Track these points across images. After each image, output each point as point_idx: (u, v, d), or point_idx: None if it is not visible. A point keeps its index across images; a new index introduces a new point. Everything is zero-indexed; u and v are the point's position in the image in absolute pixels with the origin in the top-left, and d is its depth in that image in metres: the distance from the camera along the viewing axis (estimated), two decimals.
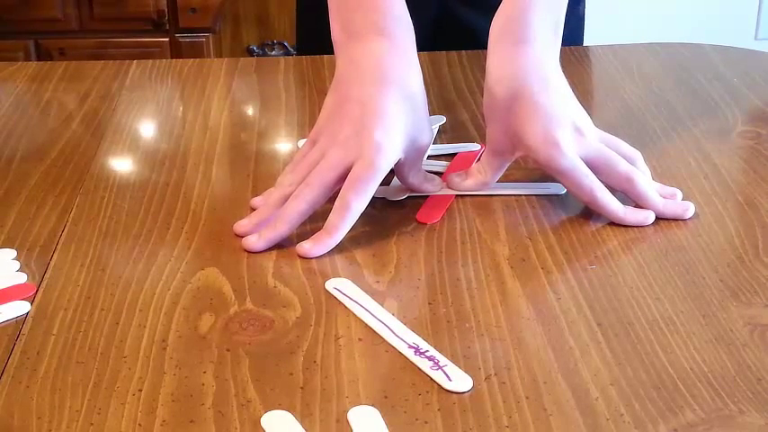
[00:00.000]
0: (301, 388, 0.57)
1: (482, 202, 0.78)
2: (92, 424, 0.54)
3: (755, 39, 2.85)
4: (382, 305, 0.65)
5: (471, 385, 0.57)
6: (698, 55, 1.11)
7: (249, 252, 0.71)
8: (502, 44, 0.78)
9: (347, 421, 0.54)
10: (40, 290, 0.67)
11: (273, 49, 2.43)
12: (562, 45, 0.80)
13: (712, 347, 0.60)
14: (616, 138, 0.79)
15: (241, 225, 0.74)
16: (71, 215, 0.77)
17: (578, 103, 0.79)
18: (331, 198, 0.73)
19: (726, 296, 0.66)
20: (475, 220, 0.76)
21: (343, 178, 0.73)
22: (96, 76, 1.06)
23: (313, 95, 1.01)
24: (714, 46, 1.13)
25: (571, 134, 0.76)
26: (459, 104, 0.97)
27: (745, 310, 0.64)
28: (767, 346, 0.60)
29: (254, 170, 0.84)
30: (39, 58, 2.27)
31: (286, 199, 0.73)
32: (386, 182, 0.76)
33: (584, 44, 1.20)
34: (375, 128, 0.74)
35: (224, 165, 0.86)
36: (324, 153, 0.74)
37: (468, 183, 0.80)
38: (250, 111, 0.99)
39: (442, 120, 0.93)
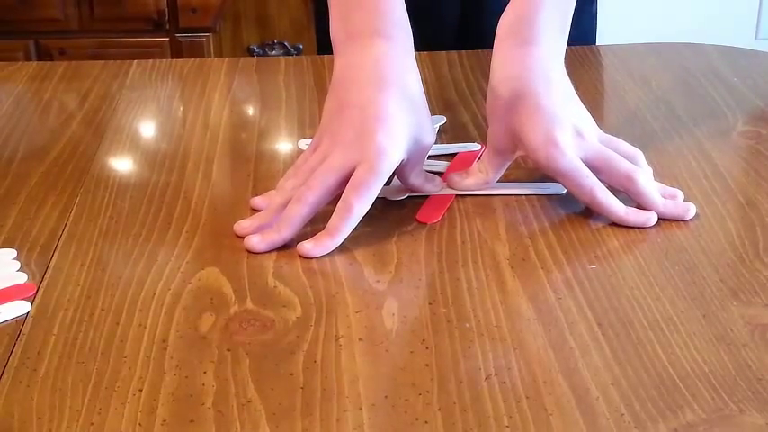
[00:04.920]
0: (301, 388, 0.57)
1: (482, 202, 0.78)
2: (92, 424, 0.54)
3: (756, 39, 2.85)
4: (382, 305, 0.65)
5: None
6: (698, 55, 1.10)
7: (250, 252, 0.71)
8: (508, 44, 0.78)
9: (347, 421, 0.54)
10: (41, 290, 0.67)
11: (274, 49, 2.43)
12: (574, 44, 0.80)
13: (713, 347, 0.60)
14: (616, 138, 0.79)
15: (242, 226, 0.74)
16: (71, 215, 0.77)
17: (581, 104, 0.79)
18: (333, 200, 0.73)
19: (726, 296, 0.66)
20: (475, 219, 0.76)
21: (344, 181, 0.73)
22: (96, 76, 1.06)
23: (313, 95, 1.01)
24: (714, 46, 1.13)
25: (571, 136, 0.76)
26: (459, 105, 0.97)
27: (746, 309, 0.64)
28: (767, 345, 0.60)
29: (254, 170, 0.84)
30: (39, 58, 2.27)
31: (288, 203, 0.73)
32: (386, 182, 0.76)
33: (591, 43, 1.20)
34: (377, 131, 0.74)
35: (224, 165, 0.86)
36: (325, 156, 0.74)
37: (469, 181, 0.80)
38: (250, 110, 0.99)
39: (443, 120, 0.93)
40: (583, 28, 0.80)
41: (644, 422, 0.54)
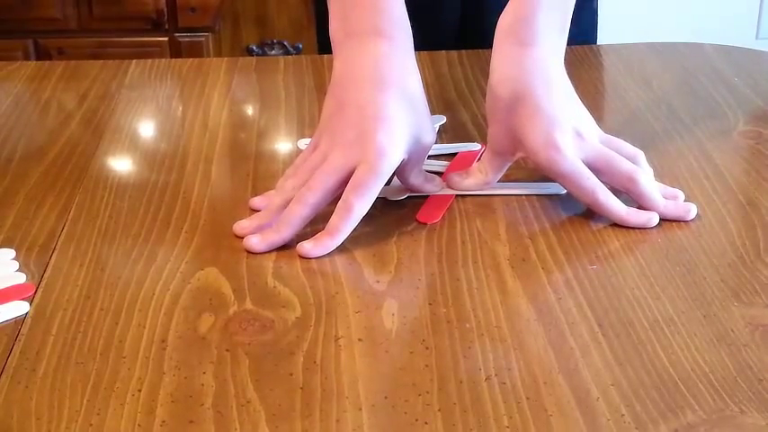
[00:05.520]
0: (301, 388, 0.57)
1: (482, 202, 0.78)
2: (91, 424, 0.54)
3: (756, 38, 2.84)
4: (382, 306, 0.65)
5: None
6: (699, 55, 1.10)
7: (249, 252, 0.71)
8: (507, 44, 0.78)
9: (347, 421, 0.54)
10: (39, 290, 0.67)
11: (273, 49, 2.43)
12: (575, 40, 0.80)
13: (713, 348, 0.60)
14: (617, 138, 0.79)
15: (241, 226, 0.73)
16: (70, 215, 0.77)
17: (581, 104, 0.78)
18: (333, 200, 0.73)
19: (727, 296, 0.66)
20: (475, 219, 0.76)
21: (344, 182, 0.73)
22: (95, 76, 1.06)
23: (313, 95, 1.00)
24: (715, 45, 1.13)
25: (572, 137, 0.76)
26: (459, 104, 0.97)
27: (747, 310, 0.64)
28: None
29: (253, 170, 0.84)
30: (38, 58, 2.27)
31: (288, 203, 0.73)
32: (386, 182, 0.76)
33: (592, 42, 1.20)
34: (377, 131, 0.73)
35: (224, 164, 0.86)
36: (325, 157, 0.74)
37: (469, 182, 0.80)
38: (250, 110, 0.99)
39: (443, 120, 0.93)
40: (583, 25, 0.80)
41: (644, 423, 0.54)
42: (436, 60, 1.08)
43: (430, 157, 0.83)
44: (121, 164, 0.88)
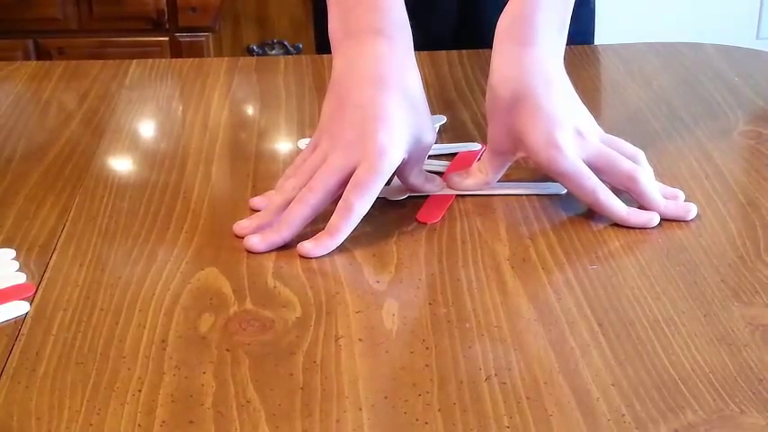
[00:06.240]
0: (301, 388, 0.57)
1: (483, 202, 0.78)
2: (91, 424, 0.54)
3: (757, 38, 2.85)
4: (382, 305, 0.65)
5: None
6: (699, 54, 1.10)
7: (249, 252, 0.71)
8: (507, 44, 0.78)
9: (347, 421, 0.54)
10: (40, 290, 0.67)
11: (273, 49, 2.43)
12: (573, 40, 0.80)
13: (713, 348, 0.60)
14: (618, 138, 0.79)
15: (241, 226, 0.73)
16: (70, 215, 0.77)
17: (581, 104, 0.78)
18: (333, 200, 0.73)
19: (727, 296, 0.66)
20: (475, 219, 0.76)
21: (345, 182, 0.73)
22: (96, 76, 1.06)
23: (313, 95, 1.00)
24: (715, 45, 1.13)
25: (572, 136, 0.76)
26: (459, 104, 0.97)
27: (747, 310, 0.64)
28: None
29: (253, 170, 0.84)
30: (38, 58, 2.27)
31: (288, 203, 0.73)
32: (386, 182, 0.76)
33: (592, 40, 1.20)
34: (377, 131, 0.73)
35: (224, 164, 0.86)
36: (325, 157, 0.74)
37: (469, 182, 0.80)
38: (250, 110, 0.99)
39: (443, 119, 0.93)
40: (581, 25, 0.80)
41: (645, 423, 0.54)
42: (436, 60, 1.08)
43: (430, 156, 0.83)
44: (121, 164, 0.88)
